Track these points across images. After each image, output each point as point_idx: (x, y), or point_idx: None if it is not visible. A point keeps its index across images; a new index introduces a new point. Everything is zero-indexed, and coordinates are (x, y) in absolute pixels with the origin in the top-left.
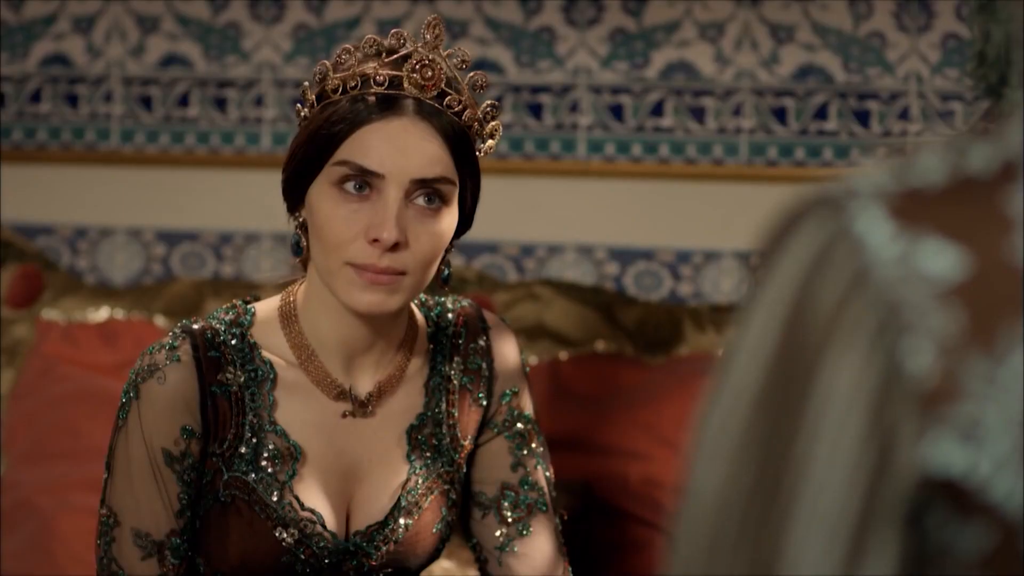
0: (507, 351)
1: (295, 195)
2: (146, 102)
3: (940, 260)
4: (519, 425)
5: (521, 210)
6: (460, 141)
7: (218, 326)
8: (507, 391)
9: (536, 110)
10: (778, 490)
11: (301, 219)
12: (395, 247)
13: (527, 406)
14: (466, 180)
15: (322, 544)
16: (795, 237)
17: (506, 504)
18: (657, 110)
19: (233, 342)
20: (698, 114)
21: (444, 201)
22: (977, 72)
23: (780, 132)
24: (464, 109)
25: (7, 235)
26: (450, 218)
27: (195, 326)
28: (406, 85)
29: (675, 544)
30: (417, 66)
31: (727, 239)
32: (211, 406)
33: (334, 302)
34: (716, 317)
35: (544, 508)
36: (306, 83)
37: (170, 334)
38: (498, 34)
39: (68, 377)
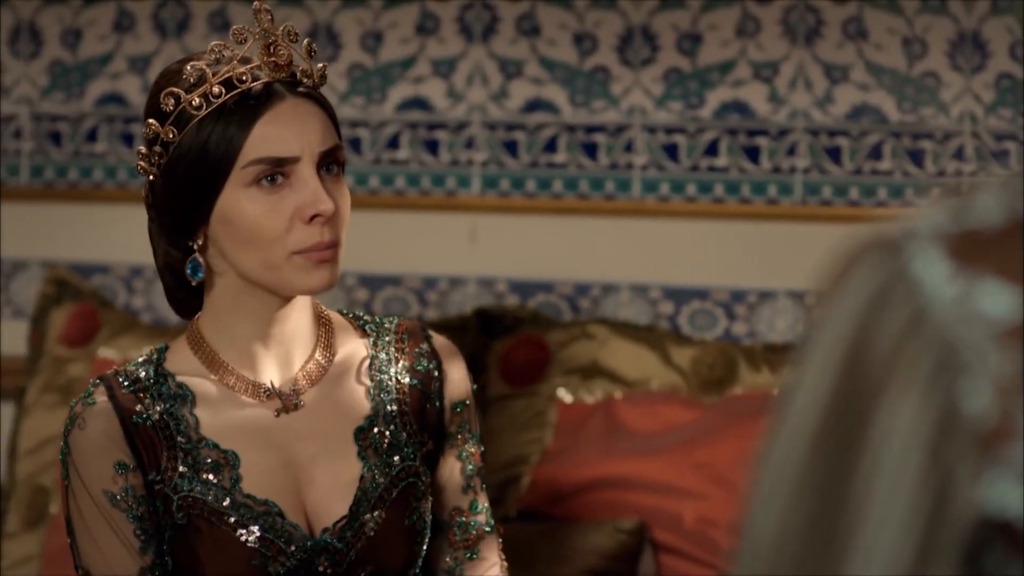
0: (453, 361)
1: (193, 223)
2: None
3: (997, 301)
4: (468, 445)
5: (575, 249)
6: (329, 106)
7: (131, 367)
8: (457, 400)
9: (591, 150)
10: (835, 530)
11: (200, 243)
12: (330, 217)
13: (475, 424)
14: (341, 141)
15: (287, 537)
16: (853, 278)
17: (456, 529)
18: (711, 150)
19: (143, 373)
20: (752, 154)
21: (341, 167)
22: None
23: (834, 172)
24: (313, 77)
25: (63, 274)
26: (344, 180)
27: (108, 372)
28: (266, 72)
29: None
30: (270, 49)
31: (781, 279)
32: (137, 437)
33: (249, 306)
34: (770, 356)
35: (490, 529)
36: (150, 120)
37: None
38: (553, 74)
39: None
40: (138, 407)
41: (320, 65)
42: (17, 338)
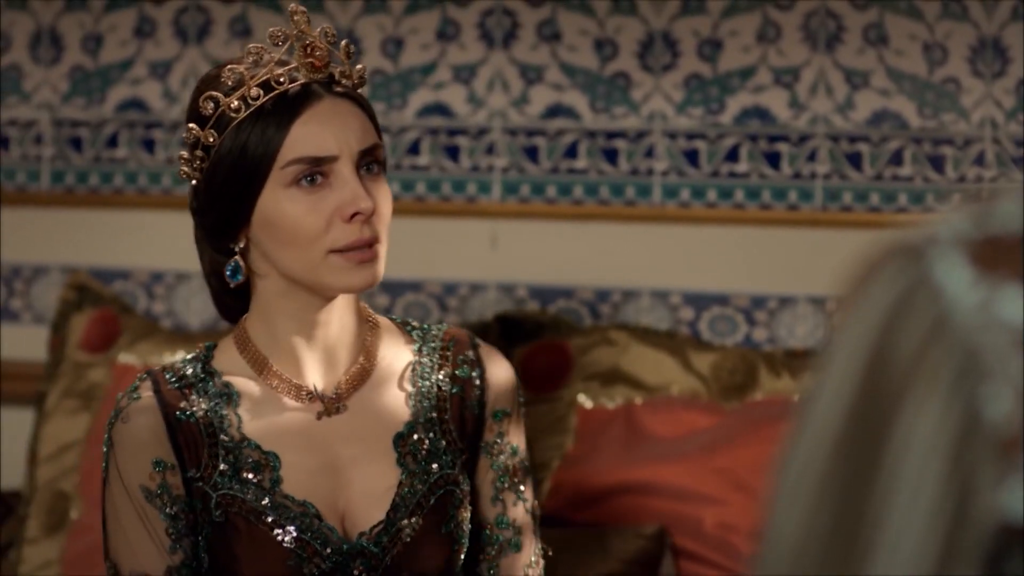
0: (499, 369)
1: (235, 225)
2: None
3: (1020, 307)
4: (503, 457)
5: (596, 255)
6: (368, 106)
7: (179, 364)
8: (498, 410)
9: (611, 155)
10: (856, 536)
11: (242, 245)
12: (371, 216)
13: (517, 437)
14: (382, 140)
15: (323, 540)
16: (875, 284)
17: (484, 540)
18: (732, 155)
19: (190, 371)
20: (773, 159)
21: (381, 165)
22: None
23: (855, 178)
24: (351, 77)
25: (84, 279)
26: (385, 179)
27: (156, 368)
28: (304, 73)
29: None
30: (308, 50)
31: (802, 284)
32: (180, 434)
33: (293, 307)
34: (791, 362)
35: (516, 549)
36: (191, 124)
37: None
38: (573, 80)
39: None
40: (183, 404)
41: (360, 66)
42: (38, 343)
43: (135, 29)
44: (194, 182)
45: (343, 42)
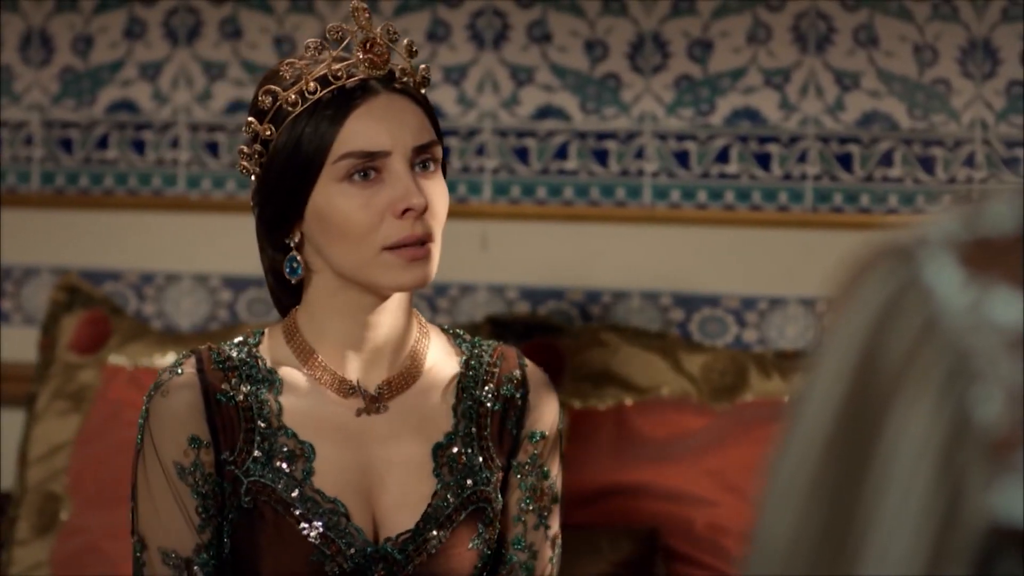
0: (543, 392)
1: (289, 220)
2: (212, 148)
3: (1010, 309)
4: (532, 479)
5: (586, 256)
6: (427, 104)
7: (224, 346)
8: (536, 431)
9: (601, 156)
10: (847, 537)
11: (296, 240)
12: (422, 212)
13: (551, 462)
14: (441, 140)
15: (348, 539)
16: (865, 285)
17: (503, 558)
18: (722, 157)
19: (235, 354)
20: (763, 161)
21: (436, 163)
22: None
23: (845, 179)
24: (413, 76)
25: (74, 281)
26: (442, 178)
27: (201, 347)
28: (363, 69)
29: None
30: (367, 46)
31: (792, 286)
32: (218, 415)
33: (342, 303)
34: (781, 363)
35: (529, 572)
36: (250, 118)
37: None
38: (564, 81)
39: (134, 423)
40: (224, 385)
41: (423, 65)
42: (28, 345)
43: (125, 30)
44: (253, 177)
45: (405, 40)
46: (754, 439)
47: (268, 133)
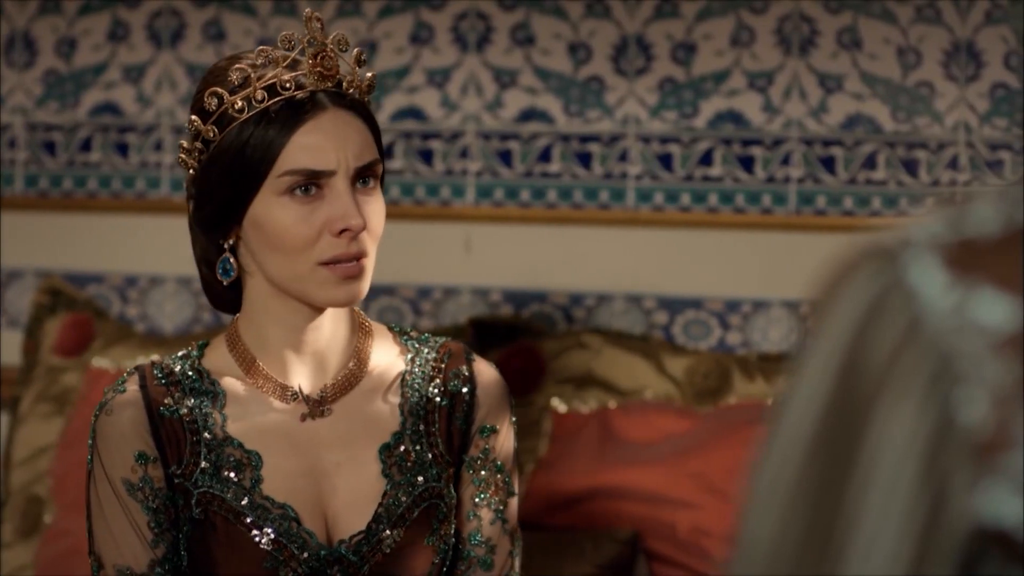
0: (491, 386)
1: (226, 223)
2: None
3: (994, 310)
4: (485, 474)
5: (570, 259)
6: (372, 119)
7: (168, 360)
8: (486, 426)
9: (585, 159)
10: (830, 539)
11: (231, 242)
12: (359, 232)
13: (504, 454)
14: (383, 155)
15: (300, 543)
16: (849, 287)
17: (460, 555)
18: (706, 159)
19: (178, 368)
20: (747, 163)
21: (376, 179)
22: None
23: (829, 181)
24: (360, 87)
25: (57, 283)
26: (381, 194)
27: (145, 363)
28: (311, 80)
29: None
30: (318, 58)
31: (776, 288)
32: (163, 429)
33: (281, 311)
34: (765, 366)
35: (487, 567)
36: (193, 116)
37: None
38: (547, 83)
39: None
40: (167, 400)
41: (369, 75)
42: (11, 348)
43: (109, 33)
44: (191, 171)
45: (355, 50)
46: (737, 442)
47: (211, 135)
